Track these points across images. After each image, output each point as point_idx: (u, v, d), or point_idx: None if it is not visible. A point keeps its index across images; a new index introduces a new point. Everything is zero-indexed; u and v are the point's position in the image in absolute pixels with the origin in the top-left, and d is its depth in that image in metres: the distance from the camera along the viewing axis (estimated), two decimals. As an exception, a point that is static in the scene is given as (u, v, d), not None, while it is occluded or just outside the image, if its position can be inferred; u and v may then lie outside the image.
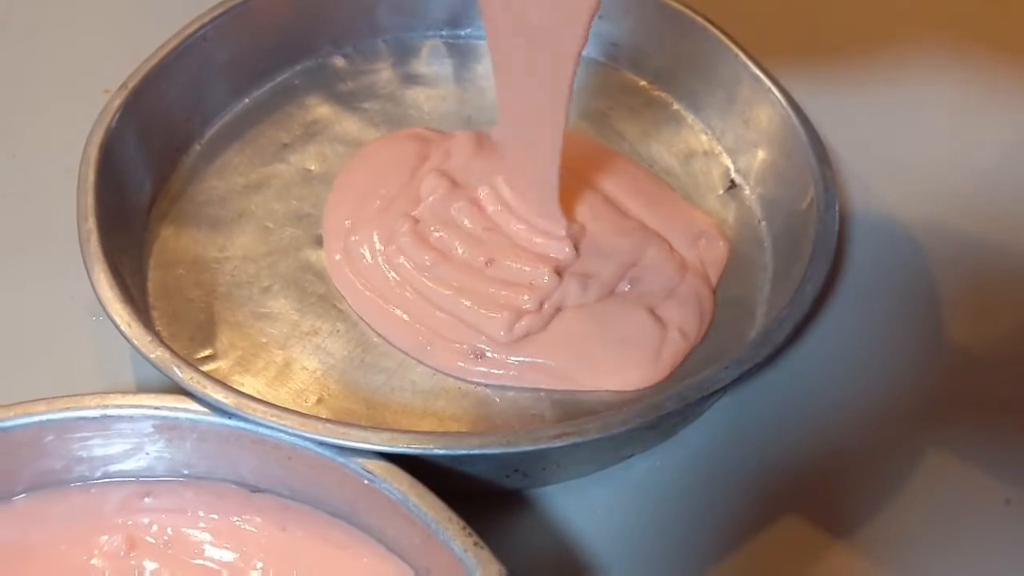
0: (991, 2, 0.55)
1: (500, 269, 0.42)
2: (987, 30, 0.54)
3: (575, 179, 0.45)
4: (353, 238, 0.44)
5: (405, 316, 0.42)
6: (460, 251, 0.42)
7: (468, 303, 0.41)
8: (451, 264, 0.42)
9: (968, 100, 0.51)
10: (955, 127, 0.50)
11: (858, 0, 0.50)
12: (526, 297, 0.41)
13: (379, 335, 0.42)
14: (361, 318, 0.42)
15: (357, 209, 0.45)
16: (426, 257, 0.42)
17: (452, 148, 0.46)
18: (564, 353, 0.40)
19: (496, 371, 0.41)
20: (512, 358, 0.40)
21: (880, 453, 0.39)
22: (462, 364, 0.41)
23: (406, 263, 0.42)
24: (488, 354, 0.41)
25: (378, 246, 0.43)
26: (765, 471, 0.39)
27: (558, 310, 0.41)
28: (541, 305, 0.41)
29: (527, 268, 0.41)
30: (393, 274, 0.42)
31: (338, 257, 0.44)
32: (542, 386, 0.40)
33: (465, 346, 0.41)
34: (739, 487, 0.38)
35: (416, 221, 0.43)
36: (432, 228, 0.43)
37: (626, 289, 0.42)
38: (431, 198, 0.44)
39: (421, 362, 0.41)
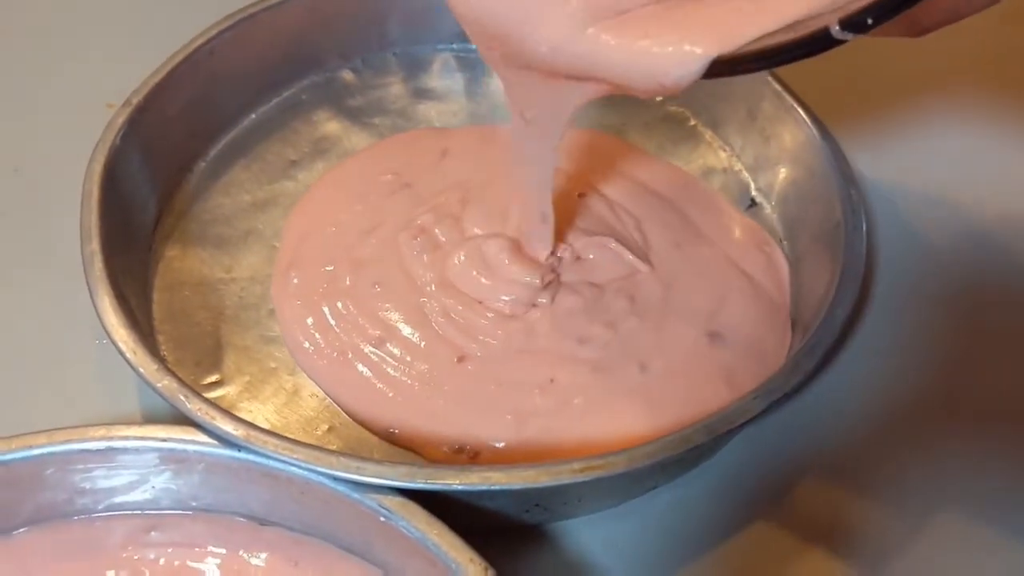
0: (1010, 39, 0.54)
1: (488, 366, 0.38)
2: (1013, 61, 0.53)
3: (636, 190, 0.44)
4: (292, 275, 0.41)
5: (353, 392, 0.38)
6: (413, 336, 0.38)
7: (445, 402, 0.37)
8: (406, 345, 0.38)
9: (994, 122, 0.49)
10: (982, 147, 0.48)
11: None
12: (537, 393, 0.37)
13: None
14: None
15: (306, 234, 0.42)
16: (371, 330, 0.39)
17: (451, 146, 0.45)
18: (597, 442, 0.36)
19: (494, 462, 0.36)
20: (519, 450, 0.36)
21: (914, 478, 0.38)
22: (445, 456, 0.37)
23: (344, 332, 0.39)
24: (483, 454, 0.36)
25: (316, 293, 0.40)
26: (792, 498, 0.38)
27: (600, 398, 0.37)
28: (566, 401, 0.37)
29: (528, 366, 0.38)
30: (334, 337, 0.39)
31: (275, 292, 0.41)
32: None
33: (445, 448, 0.37)
34: (766, 515, 0.37)
35: (360, 266, 0.40)
36: (375, 285, 0.40)
37: (703, 344, 0.38)
38: (379, 232, 0.41)
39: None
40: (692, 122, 0.48)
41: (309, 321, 0.40)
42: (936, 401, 0.40)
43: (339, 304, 0.40)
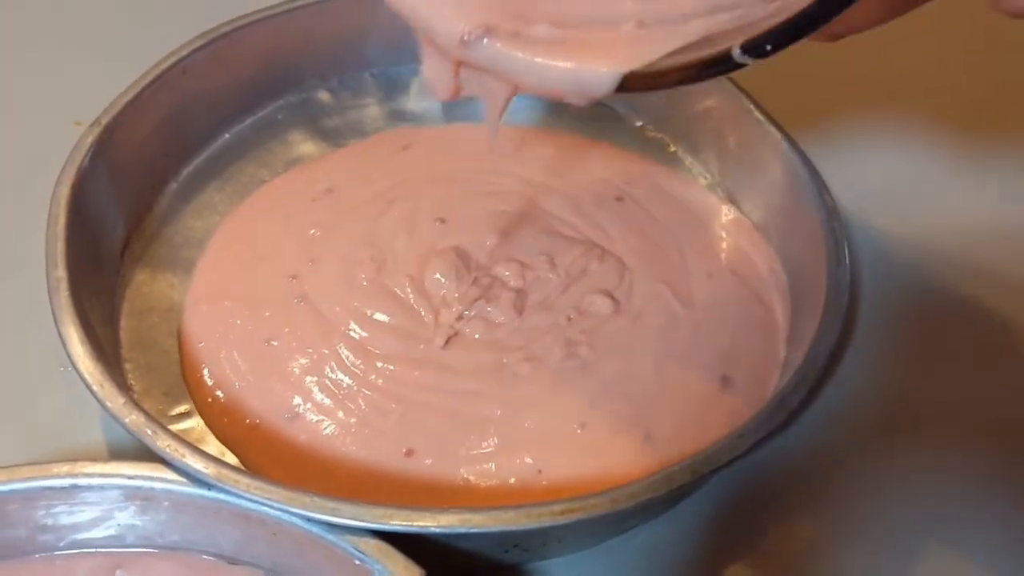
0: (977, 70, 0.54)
1: (449, 463, 0.35)
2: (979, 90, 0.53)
3: (660, 193, 0.44)
4: (201, 307, 0.39)
5: (275, 467, 0.35)
6: (336, 418, 0.36)
7: (400, 490, 0.35)
8: (330, 426, 0.36)
9: (965, 151, 0.49)
10: (954, 178, 0.48)
11: (857, 60, 0.48)
12: (519, 486, 0.35)
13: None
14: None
15: (222, 254, 0.41)
16: (283, 397, 0.36)
17: (415, 141, 0.44)
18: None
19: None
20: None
21: (896, 516, 0.37)
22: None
23: (252, 395, 0.37)
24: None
25: (216, 335, 0.38)
26: (773, 536, 0.37)
27: None
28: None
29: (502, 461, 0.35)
30: (238, 401, 0.36)
31: (183, 326, 0.39)
32: None
33: None
34: (746, 553, 0.37)
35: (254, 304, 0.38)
36: (269, 341, 0.37)
37: (715, 392, 0.37)
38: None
39: None
40: (672, 148, 0.48)
41: (205, 372, 0.38)
42: (924, 432, 0.40)
43: (235, 354, 0.38)
